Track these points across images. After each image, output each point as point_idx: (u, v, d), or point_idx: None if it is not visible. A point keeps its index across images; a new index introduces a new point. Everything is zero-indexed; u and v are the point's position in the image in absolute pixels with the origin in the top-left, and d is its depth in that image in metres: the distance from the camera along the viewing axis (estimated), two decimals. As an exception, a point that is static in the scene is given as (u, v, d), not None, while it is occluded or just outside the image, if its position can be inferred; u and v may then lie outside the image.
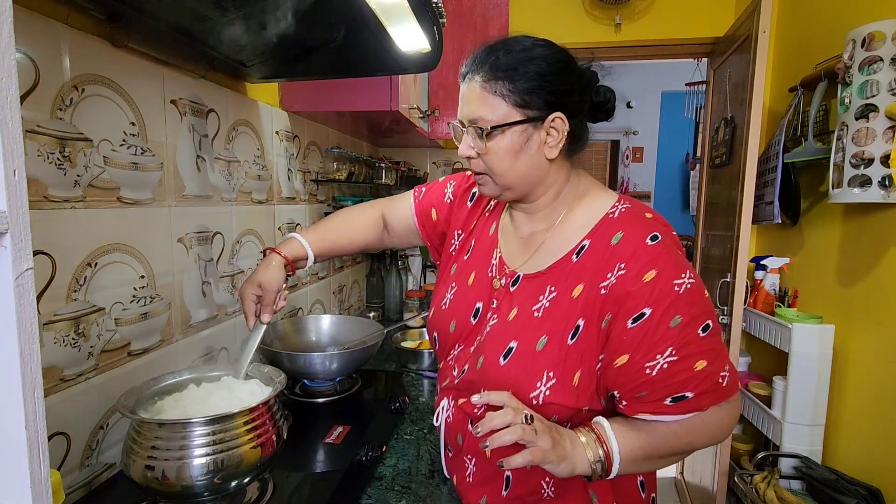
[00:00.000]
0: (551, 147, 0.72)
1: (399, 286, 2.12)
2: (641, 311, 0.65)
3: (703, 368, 0.64)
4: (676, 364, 0.64)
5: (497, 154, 0.72)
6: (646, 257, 0.66)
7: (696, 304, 0.65)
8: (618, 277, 0.67)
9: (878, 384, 1.46)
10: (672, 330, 0.64)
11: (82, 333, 0.81)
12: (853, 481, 1.48)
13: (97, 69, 0.82)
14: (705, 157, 2.42)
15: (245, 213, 1.29)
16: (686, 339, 0.64)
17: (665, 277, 0.65)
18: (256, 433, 0.71)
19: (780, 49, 2.10)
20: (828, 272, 1.72)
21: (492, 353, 0.74)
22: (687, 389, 0.64)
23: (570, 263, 0.72)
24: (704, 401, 0.65)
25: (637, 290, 0.65)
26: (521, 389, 0.69)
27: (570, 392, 0.68)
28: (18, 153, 0.32)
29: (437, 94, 1.99)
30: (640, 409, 0.67)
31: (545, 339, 0.70)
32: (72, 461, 0.79)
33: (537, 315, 0.72)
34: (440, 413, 0.85)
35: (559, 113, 0.70)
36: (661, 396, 0.65)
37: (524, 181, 0.74)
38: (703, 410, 0.66)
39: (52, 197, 0.75)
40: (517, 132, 0.71)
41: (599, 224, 0.73)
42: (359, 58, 1.07)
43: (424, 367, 1.49)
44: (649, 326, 0.64)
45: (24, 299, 0.33)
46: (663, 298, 0.64)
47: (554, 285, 0.73)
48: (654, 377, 0.64)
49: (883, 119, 1.35)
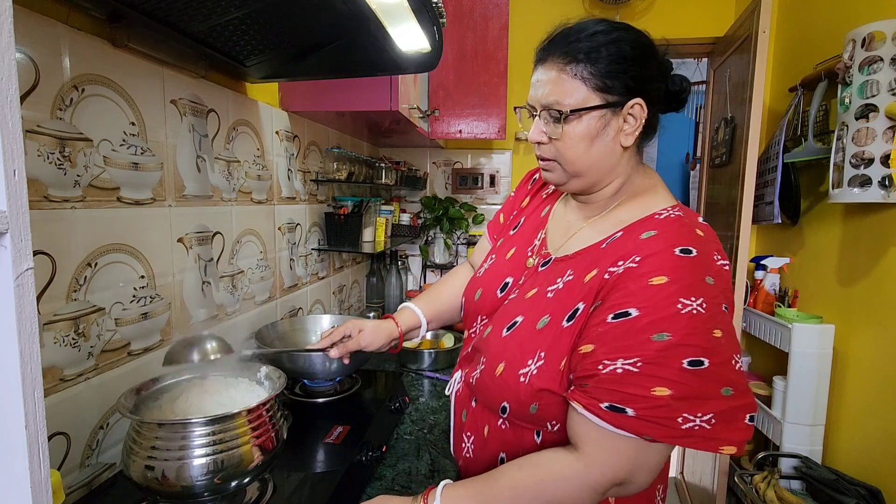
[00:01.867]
0: (628, 135, 0.69)
1: (399, 286, 2.12)
2: (626, 310, 0.60)
3: (661, 396, 0.57)
4: (634, 376, 0.58)
5: (571, 139, 0.69)
6: (665, 263, 0.61)
7: (696, 334, 0.58)
8: (625, 269, 0.63)
9: (878, 384, 1.46)
10: (652, 343, 0.58)
11: (82, 333, 0.81)
12: (853, 481, 1.48)
13: (97, 69, 0.82)
14: (705, 156, 2.42)
15: (245, 213, 1.29)
16: (662, 359, 0.58)
17: (673, 290, 0.59)
18: (256, 433, 0.71)
19: (780, 49, 2.10)
20: (828, 272, 1.72)
21: (499, 325, 0.74)
22: (630, 406, 0.58)
23: (597, 251, 0.70)
24: (648, 430, 0.58)
25: (636, 289, 0.61)
26: (514, 364, 0.69)
27: (555, 374, 0.65)
28: (18, 153, 0.32)
29: (437, 94, 1.99)
30: (576, 398, 0.62)
31: (547, 318, 0.69)
32: (72, 461, 0.79)
33: (549, 296, 0.71)
34: (452, 385, 0.86)
35: (639, 99, 0.67)
36: (600, 398, 0.60)
37: (594, 169, 0.71)
38: (642, 437, 0.59)
39: (52, 197, 0.75)
40: (595, 117, 0.68)
41: (641, 221, 0.69)
42: (359, 58, 1.07)
43: (424, 367, 1.49)
44: (626, 328, 0.60)
45: (24, 299, 0.33)
46: (659, 309, 0.59)
47: (573, 269, 0.71)
48: (602, 375, 0.60)
49: (883, 119, 1.35)
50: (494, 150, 2.48)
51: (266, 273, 1.40)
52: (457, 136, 2.01)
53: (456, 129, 2.01)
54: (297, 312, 1.60)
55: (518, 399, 0.68)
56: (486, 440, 0.77)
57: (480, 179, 2.49)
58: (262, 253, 1.38)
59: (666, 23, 2.30)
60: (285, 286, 1.53)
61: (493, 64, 1.95)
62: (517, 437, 0.73)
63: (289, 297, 1.55)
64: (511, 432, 0.74)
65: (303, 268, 1.64)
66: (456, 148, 2.49)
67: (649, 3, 2.30)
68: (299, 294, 1.62)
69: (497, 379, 0.70)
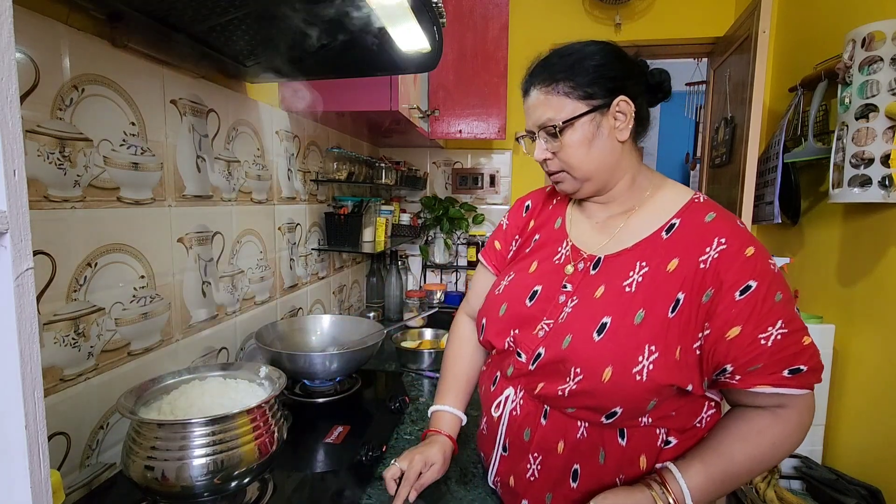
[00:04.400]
0: (621, 130, 0.75)
1: (399, 286, 2.12)
2: (748, 284, 0.66)
3: (809, 343, 0.66)
4: (788, 337, 0.65)
5: (571, 147, 0.75)
6: (744, 235, 0.69)
7: (787, 285, 0.68)
8: (719, 252, 0.68)
9: (878, 384, 1.46)
10: (778, 304, 0.66)
11: (82, 333, 0.81)
12: (853, 481, 1.48)
13: (97, 69, 0.82)
14: (705, 156, 2.42)
15: (245, 213, 1.29)
16: (790, 315, 0.66)
17: (762, 256, 0.68)
18: (256, 433, 0.71)
19: (780, 49, 2.10)
20: (828, 272, 1.72)
21: (581, 330, 0.72)
22: (800, 362, 0.65)
23: (660, 240, 0.73)
24: (817, 376, 0.66)
25: (741, 264, 0.67)
26: (622, 364, 0.67)
27: (674, 367, 0.67)
28: (18, 153, 0.32)
29: (437, 94, 1.99)
30: (756, 382, 0.66)
31: (643, 312, 0.69)
32: (72, 461, 0.79)
33: (629, 290, 0.72)
34: (503, 404, 0.80)
35: (623, 96, 0.74)
36: (779, 368, 0.65)
37: (600, 168, 0.77)
38: (811, 389, 0.67)
39: (52, 197, 0.75)
40: (586, 122, 0.74)
41: (687, 206, 0.75)
42: (359, 58, 1.07)
43: (424, 367, 1.49)
44: (757, 299, 0.65)
45: (24, 299, 0.33)
46: (766, 274, 0.66)
47: (645, 261, 0.73)
48: (769, 348, 0.65)
49: (883, 119, 1.35)
50: (494, 149, 2.48)
51: (266, 273, 1.40)
52: (457, 136, 2.01)
53: (456, 129, 2.01)
54: (297, 312, 1.60)
55: (635, 399, 0.68)
56: (561, 455, 0.74)
57: (480, 179, 2.49)
58: (262, 253, 1.38)
59: (666, 23, 2.30)
60: (285, 286, 1.53)
61: (493, 64, 1.95)
62: (595, 445, 0.73)
63: (289, 297, 1.55)
64: (587, 443, 0.73)
65: (303, 268, 1.64)
66: (456, 148, 2.49)
67: (649, 3, 2.30)
68: (299, 294, 1.62)
69: (606, 385, 0.68)
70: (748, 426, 0.70)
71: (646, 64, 0.79)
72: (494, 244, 0.97)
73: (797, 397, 0.68)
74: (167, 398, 0.77)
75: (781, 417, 0.69)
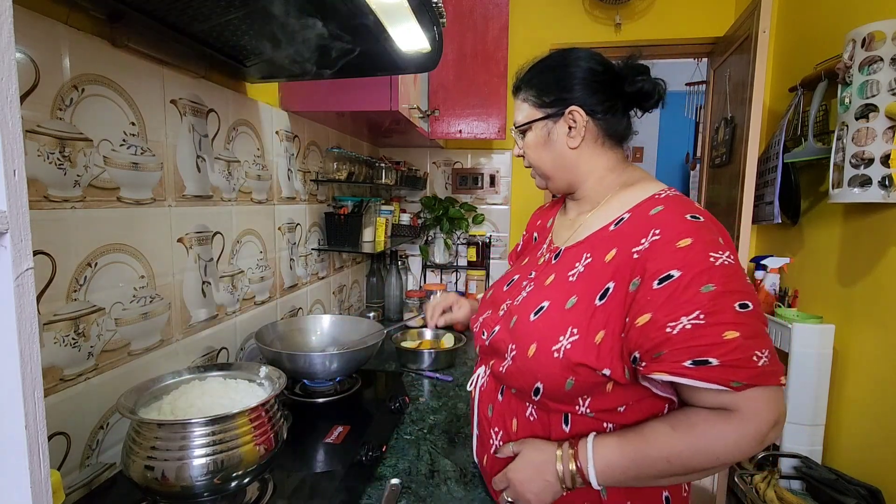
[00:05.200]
0: (572, 137, 0.81)
1: (399, 286, 2.13)
2: (669, 273, 0.64)
3: (733, 338, 0.60)
4: (703, 328, 0.61)
5: (529, 147, 0.86)
6: (683, 227, 0.67)
7: (734, 281, 0.63)
8: (651, 242, 0.68)
9: (878, 384, 1.46)
10: (703, 295, 0.62)
11: (82, 333, 0.81)
12: (853, 481, 1.48)
13: (97, 69, 0.82)
14: (705, 157, 2.42)
15: (245, 213, 1.29)
16: (718, 307, 0.61)
17: (700, 247, 0.64)
18: (256, 433, 0.71)
19: (780, 49, 2.10)
20: (828, 272, 1.72)
21: (524, 313, 0.78)
22: (712, 355, 0.60)
23: (608, 233, 0.76)
24: (734, 374, 0.60)
25: (669, 254, 0.65)
26: (546, 342, 0.72)
27: (591, 349, 0.68)
28: (18, 153, 0.32)
29: (437, 94, 1.99)
30: (655, 369, 0.64)
31: (575, 298, 0.73)
32: (72, 461, 0.79)
33: (572, 279, 0.76)
34: (476, 380, 0.90)
35: (575, 107, 0.79)
36: (682, 357, 0.62)
37: (556, 168, 0.84)
38: (730, 388, 0.61)
39: (52, 197, 0.75)
40: (539, 127, 0.83)
41: (644, 201, 0.75)
42: (359, 58, 1.07)
43: (424, 367, 1.49)
44: (676, 288, 0.63)
45: (24, 299, 0.33)
46: (696, 264, 0.63)
47: (590, 252, 0.77)
48: (673, 335, 0.62)
49: (883, 119, 1.35)
50: (494, 149, 2.48)
51: (266, 273, 1.40)
52: (457, 136, 2.01)
53: (456, 129, 2.01)
54: (297, 312, 1.60)
55: (553, 375, 0.70)
56: (515, 434, 0.79)
57: (480, 179, 2.49)
58: (262, 253, 1.38)
59: (666, 23, 2.30)
60: (285, 286, 1.53)
61: (493, 64, 1.95)
62: (545, 427, 0.76)
63: (289, 297, 1.55)
64: (539, 424, 0.77)
65: (303, 268, 1.64)
66: (456, 148, 2.49)
67: (649, 3, 2.30)
68: (299, 294, 1.62)
69: (530, 360, 0.73)
70: (681, 417, 0.68)
71: (635, 71, 0.80)
72: (518, 248, 1.08)
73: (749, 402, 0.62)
74: (167, 398, 0.77)
75: (722, 418, 0.64)
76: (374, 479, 0.91)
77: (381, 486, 0.89)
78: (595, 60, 0.81)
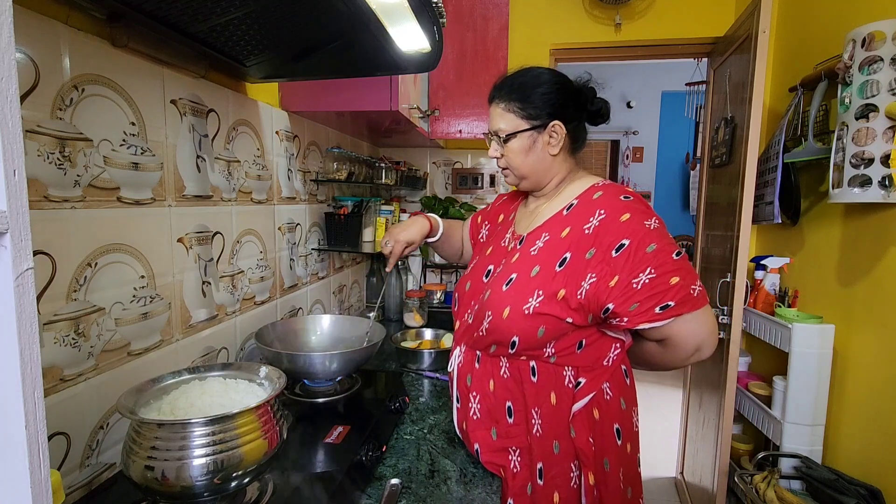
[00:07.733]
0: (553, 146, 0.96)
1: (399, 286, 2.12)
2: (621, 242, 0.84)
3: (676, 282, 0.82)
4: (655, 280, 0.82)
5: (513, 153, 0.97)
6: (620, 206, 0.88)
7: (665, 238, 0.85)
8: (600, 220, 0.88)
9: (879, 384, 1.46)
10: (648, 254, 0.83)
11: (82, 333, 0.81)
12: (853, 481, 1.48)
13: (97, 69, 0.82)
14: (705, 156, 2.42)
15: (245, 213, 1.29)
16: (661, 261, 0.83)
17: (637, 219, 0.86)
18: (256, 433, 0.71)
19: (780, 49, 2.10)
20: (828, 272, 1.72)
21: (497, 285, 0.93)
22: (668, 299, 0.82)
23: (561, 216, 0.95)
24: (682, 308, 0.82)
25: (617, 228, 0.85)
26: (518, 304, 0.88)
27: (554, 303, 0.86)
28: (18, 153, 0.32)
29: (437, 94, 1.99)
30: (639, 321, 0.83)
31: (538, 268, 0.90)
32: (72, 461, 0.79)
33: (534, 254, 0.93)
34: (453, 360, 1.02)
35: (557, 121, 0.94)
36: (651, 306, 0.82)
37: (533, 171, 0.98)
38: (679, 316, 0.83)
39: (52, 197, 0.75)
40: (526, 137, 0.95)
41: (586, 190, 0.95)
42: (359, 58, 1.07)
43: (424, 367, 1.49)
44: (629, 252, 0.83)
45: (24, 299, 0.33)
46: (637, 232, 0.84)
47: (547, 232, 0.94)
48: (639, 290, 0.82)
49: (883, 119, 1.35)
50: (494, 150, 2.47)
51: (266, 273, 1.40)
52: (457, 135, 2.01)
53: (456, 129, 2.01)
54: (297, 312, 1.60)
55: (527, 329, 0.87)
56: (493, 393, 0.94)
57: (480, 179, 2.49)
58: (262, 253, 1.38)
59: (666, 23, 2.30)
60: (285, 286, 1.53)
61: (493, 64, 1.95)
62: (517, 381, 0.92)
63: (289, 297, 1.55)
64: (511, 380, 0.93)
65: (303, 268, 1.64)
66: (456, 148, 2.49)
67: (649, 3, 2.30)
68: (299, 294, 1.62)
69: (506, 320, 0.88)
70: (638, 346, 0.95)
71: (592, 93, 0.98)
72: (477, 218, 1.24)
73: (674, 328, 0.84)
74: (167, 398, 0.77)
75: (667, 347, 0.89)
76: (374, 479, 0.91)
77: (381, 486, 0.89)
78: (566, 80, 0.96)
